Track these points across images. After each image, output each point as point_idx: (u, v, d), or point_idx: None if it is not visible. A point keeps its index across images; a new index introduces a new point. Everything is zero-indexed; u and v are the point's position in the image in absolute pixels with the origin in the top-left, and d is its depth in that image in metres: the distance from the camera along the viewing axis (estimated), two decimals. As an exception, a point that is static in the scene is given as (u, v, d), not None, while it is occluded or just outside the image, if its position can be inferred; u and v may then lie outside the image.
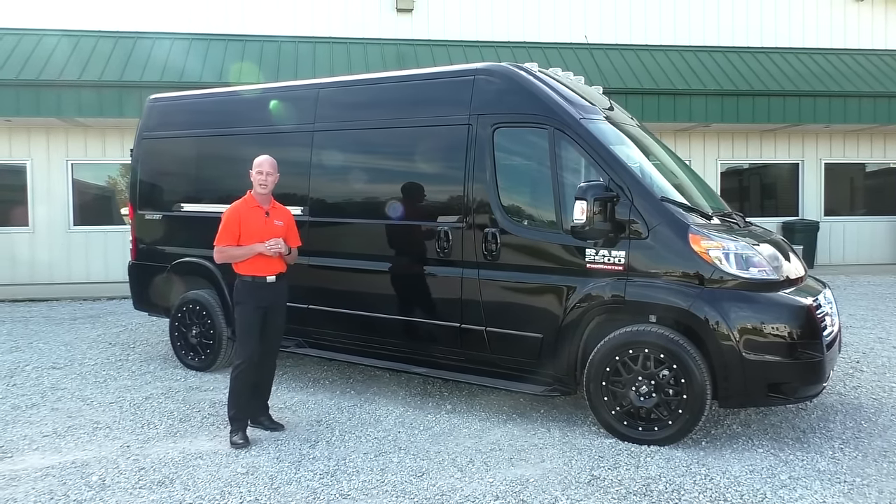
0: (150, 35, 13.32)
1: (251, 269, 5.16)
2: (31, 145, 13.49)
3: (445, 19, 14.76)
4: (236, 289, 5.23)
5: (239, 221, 5.14)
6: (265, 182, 5.20)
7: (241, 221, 5.14)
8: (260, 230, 5.16)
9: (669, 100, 13.52)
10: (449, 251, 5.59)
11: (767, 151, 15.60)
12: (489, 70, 5.66)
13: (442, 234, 5.61)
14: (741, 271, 4.76)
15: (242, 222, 5.14)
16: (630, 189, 4.95)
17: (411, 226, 5.85)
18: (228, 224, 5.15)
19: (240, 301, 5.18)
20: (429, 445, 4.95)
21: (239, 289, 5.20)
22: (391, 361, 6.04)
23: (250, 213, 5.19)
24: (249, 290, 5.14)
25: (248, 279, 5.15)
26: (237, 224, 5.13)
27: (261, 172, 5.19)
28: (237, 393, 5.14)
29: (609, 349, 4.93)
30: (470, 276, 5.53)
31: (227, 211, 5.21)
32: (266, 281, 5.17)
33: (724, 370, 4.67)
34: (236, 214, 5.17)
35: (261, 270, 5.17)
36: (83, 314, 10.80)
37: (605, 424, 5.00)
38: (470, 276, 5.53)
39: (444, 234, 5.59)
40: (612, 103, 6.29)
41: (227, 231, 5.15)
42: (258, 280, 5.15)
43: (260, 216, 5.20)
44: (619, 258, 4.96)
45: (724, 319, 4.65)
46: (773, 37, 15.60)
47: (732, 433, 5.12)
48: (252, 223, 5.16)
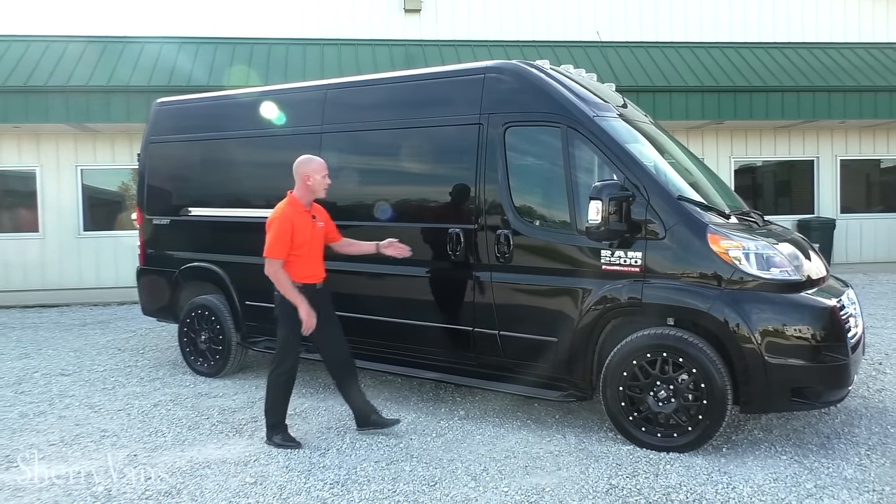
0: (157, 40, 13.28)
1: (303, 276, 4.95)
2: (41, 151, 13.49)
3: (454, 19, 14.65)
4: (285, 298, 4.93)
5: (292, 230, 4.84)
6: (327, 185, 5.03)
7: (293, 230, 4.85)
8: (309, 236, 4.95)
9: (682, 97, 13.35)
10: (460, 253, 5.47)
11: (782, 148, 15.38)
12: (499, 68, 5.53)
13: (453, 236, 5.49)
14: (762, 272, 4.61)
15: (295, 229, 4.86)
16: (646, 188, 4.82)
17: (421, 228, 5.72)
18: (282, 233, 4.82)
19: (290, 311, 4.92)
20: (441, 453, 4.83)
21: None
22: (402, 366, 5.92)
23: (300, 218, 4.94)
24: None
25: (298, 286, 4.92)
26: (290, 233, 4.83)
27: (326, 176, 5.00)
28: (278, 400, 5.03)
29: (626, 353, 4.79)
30: (482, 279, 5.41)
31: (277, 218, 4.88)
32: (315, 288, 5.03)
33: (745, 374, 4.52)
34: (288, 221, 4.84)
35: (312, 277, 5.00)
36: (93, 320, 10.76)
37: (623, 431, 4.86)
38: (482, 279, 5.41)
39: (456, 237, 5.47)
40: (626, 100, 6.15)
41: (280, 241, 4.82)
42: (308, 287, 4.97)
43: (308, 221, 4.99)
44: (635, 259, 4.82)
45: (744, 322, 4.50)
46: (785, 32, 15.39)
47: (754, 439, 4.97)
48: (303, 229, 4.92)
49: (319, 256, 5.09)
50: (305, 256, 4.95)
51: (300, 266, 4.95)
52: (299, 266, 4.94)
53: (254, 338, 6.83)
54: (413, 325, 5.78)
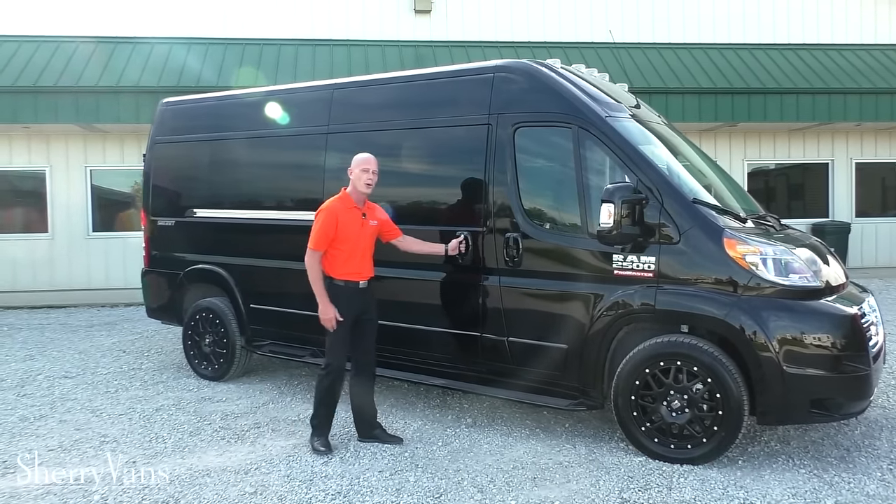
0: (166, 40, 13.21)
1: (345, 273, 4.85)
2: (50, 152, 13.44)
3: (464, 20, 14.51)
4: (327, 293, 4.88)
5: (336, 224, 4.78)
6: (372, 181, 4.92)
7: (338, 223, 4.78)
8: (356, 233, 4.86)
9: (694, 99, 13.14)
10: (468, 257, 5.33)
11: (796, 151, 15.13)
12: (509, 67, 5.39)
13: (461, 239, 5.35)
14: (780, 278, 4.45)
15: (340, 224, 4.79)
16: (660, 190, 4.66)
17: (429, 231, 5.57)
18: (326, 226, 4.77)
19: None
20: (447, 463, 4.69)
21: (330, 293, 4.84)
22: (409, 372, 5.78)
23: (348, 213, 4.86)
24: (340, 296, 4.84)
25: (340, 283, 4.84)
26: (334, 226, 4.77)
27: (367, 170, 4.88)
28: (321, 402, 4.95)
29: (638, 361, 4.64)
30: (490, 284, 5.27)
31: (324, 211, 4.85)
32: (359, 287, 4.91)
33: (762, 384, 4.36)
34: (333, 215, 4.80)
35: (355, 274, 4.88)
36: (100, 321, 10.71)
37: (635, 441, 4.71)
38: (490, 284, 5.27)
39: (463, 240, 5.33)
40: (639, 101, 6.00)
41: (323, 233, 4.78)
42: (351, 285, 4.87)
43: (357, 218, 4.89)
44: (648, 264, 4.67)
45: (762, 330, 4.34)
46: (800, 33, 15.15)
47: (771, 451, 4.80)
48: (349, 225, 4.84)
49: (366, 255, 4.97)
50: (350, 253, 4.86)
51: (343, 262, 4.86)
52: (342, 261, 4.86)
53: (258, 341, 6.72)
54: (420, 331, 5.65)
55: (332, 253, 4.86)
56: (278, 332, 6.52)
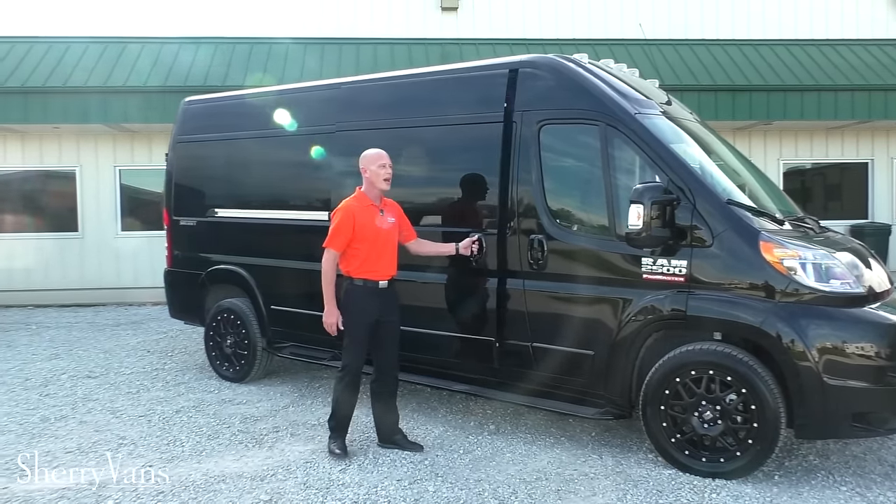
0: (193, 40, 13.26)
1: (363, 272, 4.74)
2: (80, 152, 13.56)
3: (491, 17, 14.33)
4: (345, 293, 4.78)
5: (353, 223, 4.67)
6: (390, 176, 4.80)
7: (355, 223, 4.68)
8: (374, 231, 4.74)
9: (728, 96, 12.80)
10: (489, 259, 5.17)
11: (834, 150, 14.67)
12: (534, 62, 5.21)
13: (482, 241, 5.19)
14: (820, 283, 4.21)
15: (357, 223, 4.69)
16: (692, 191, 4.45)
17: (451, 233, 5.40)
18: (343, 225, 4.68)
19: (348, 307, 4.76)
20: (469, 472, 4.53)
21: (348, 293, 4.76)
22: (430, 377, 5.63)
23: (365, 212, 4.75)
24: (359, 296, 4.73)
25: (358, 283, 4.74)
26: (351, 226, 4.67)
27: (384, 165, 4.77)
28: (339, 402, 4.85)
29: (668, 369, 4.43)
30: (514, 287, 5.10)
31: (340, 210, 4.76)
32: (378, 286, 4.78)
33: (800, 396, 4.12)
34: (350, 214, 4.70)
35: (373, 273, 4.75)
36: (126, 320, 10.76)
37: (664, 453, 4.51)
38: (514, 287, 5.10)
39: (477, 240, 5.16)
40: (670, 97, 5.77)
41: (340, 233, 4.69)
42: (370, 284, 4.75)
43: (374, 215, 4.78)
44: (679, 268, 4.46)
45: (800, 338, 4.10)
46: (839, 28, 14.69)
47: (809, 466, 4.56)
48: (367, 224, 4.73)
49: (388, 254, 4.84)
50: (368, 252, 4.74)
51: (362, 261, 4.74)
52: (361, 261, 4.74)
53: (279, 343, 6.63)
54: (440, 336, 5.49)
55: (350, 252, 4.74)
56: (299, 333, 6.42)
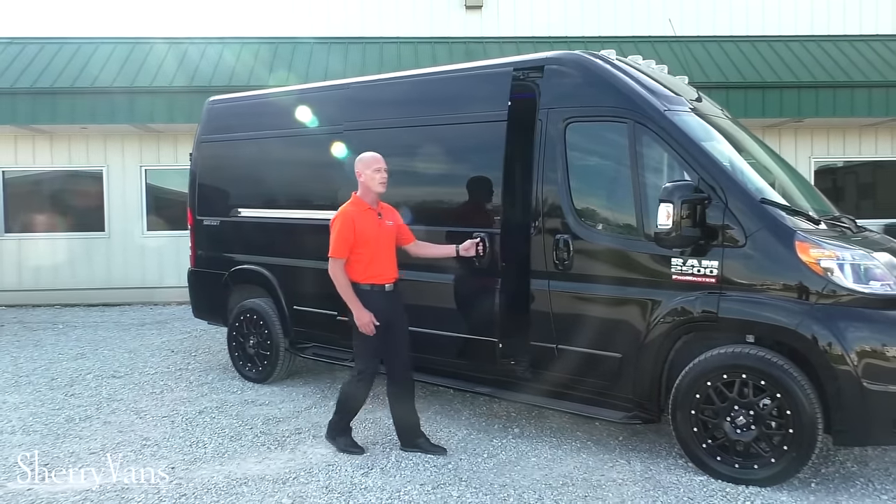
0: (218, 40, 13.32)
1: (369, 277, 4.73)
2: (108, 152, 13.69)
3: (516, 15, 14.20)
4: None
5: (353, 229, 4.67)
6: (386, 179, 4.78)
7: (355, 228, 4.68)
8: (375, 235, 4.74)
9: (758, 93, 12.53)
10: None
11: (867, 148, 14.31)
12: (560, 59, 5.10)
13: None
14: (859, 285, 4.05)
15: (358, 228, 4.69)
16: (724, 189, 4.32)
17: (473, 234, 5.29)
18: (344, 232, 4.68)
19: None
20: (493, 477, 4.44)
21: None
22: (453, 379, 5.55)
23: (363, 216, 4.74)
24: (368, 301, 4.70)
25: (365, 288, 4.72)
26: (352, 231, 4.67)
27: (380, 170, 4.75)
28: (349, 398, 4.88)
29: (699, 373, 4.30)
30: (539, 288, 5.00)
31: (339, 218, 4.75)
32: (385, 289, 4.78)
33: (838, 401, 3.98)
34: (350, 221, 4.70)
35: (379, 277, 4.75)
36: (151, 320, 10.82)
37: (695, 459, 4.38)
38: (539, 288, 5.00)
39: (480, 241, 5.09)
40: (700, 94, 5.63)
41: (342, 240, 4.68)
42: (376, 288, 4.75)
43: (374, 219, 4.77)
44: (710, 269, 4.32)
45: (838, 341, 3.96)
46: (873, 23, 14.34)
47: (847, 473, 4.41)
48: (367, 228, 4.72)
49: (389, 256, 4.84)
50: (372, 256, 4.73)
51: (366, 266, 4.73)
52: (365, 266, 4.73)
53: (302, 344, 6.59)
54: (462, 339, 5.39)
55: (353, 258, 4.74)
56: (321, 334, 6.37)
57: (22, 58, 12.66)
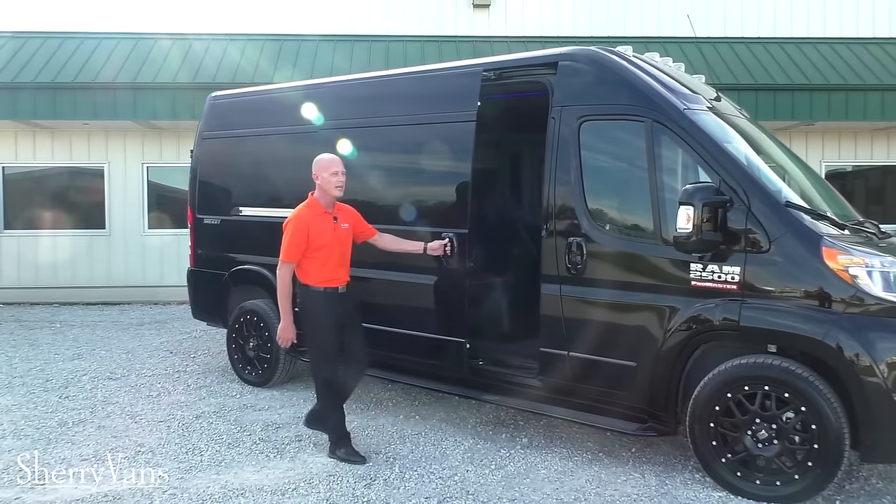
0: (223, 37, 13.17)
1: (322, 279, 4.63)
2: (109, 148, 13.53)
3: (524, 14, 14.03)
4: (306, 303, 4.68)
5: (307, 232, 4.57)
6: (343, 183, 4.68)
7: (309, 233, 4.57)
8: (330, 238, 4.63)
9: (769, 96, 12.34)
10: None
11: (880, 152, 14.10)
12: (575, 55, 4.91)
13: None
14: (889, 293, 3.86)
15: (312, 232, 4.58)
16: (746, 192, 4.12)
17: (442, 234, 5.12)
18: (296, 236, 4.57)
19: (311, 316, 4.67)
20: (501, 490, 4.25)
21: (310, 302, 4.66)
22: (459, 386, 5.36)
23: (318, 220, 4.63)
24: (322, 303, 4.62)
25: (319, 290, 4.62)
26: (305, 235, 4.57)
27: (336, 173, 4.65)
28: (329, 413, 4.77)
29: (719, 384, 4.11)
30: (550, 293, 4.80)
31: (292, 221, 4.64)
32: (338, 292, 4.68)
33: (867, 415, 3.78)
34: (304, 225, 4.59)
35: (333, 280, 4.66)
36: (151, 319, 10.65)
37: (714, 474, 4.18)
38: (550, 293, 4.80)
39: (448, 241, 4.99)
40: (719, 93, 5.43)
41: (294, 244, 4.59)
42: (329, 291, 4.65)
43: (328, 223, 4.66)
44: (732, 275, 4.13)
45: (867, 352, 3.76)
46: (886, 26, 14.14)
47: (873, 490, 4.21)
48: (321, 232, 4.61)
49: (342, 260, 4.77)
50: (325, 259, 4.64)
51: (319, 269, 4.65)
52: (318, 269, 4.65)
53: (302, 347, 6.38)
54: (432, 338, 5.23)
55: (306, 261, 4.64)
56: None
57: (24, 52, 12.52)
